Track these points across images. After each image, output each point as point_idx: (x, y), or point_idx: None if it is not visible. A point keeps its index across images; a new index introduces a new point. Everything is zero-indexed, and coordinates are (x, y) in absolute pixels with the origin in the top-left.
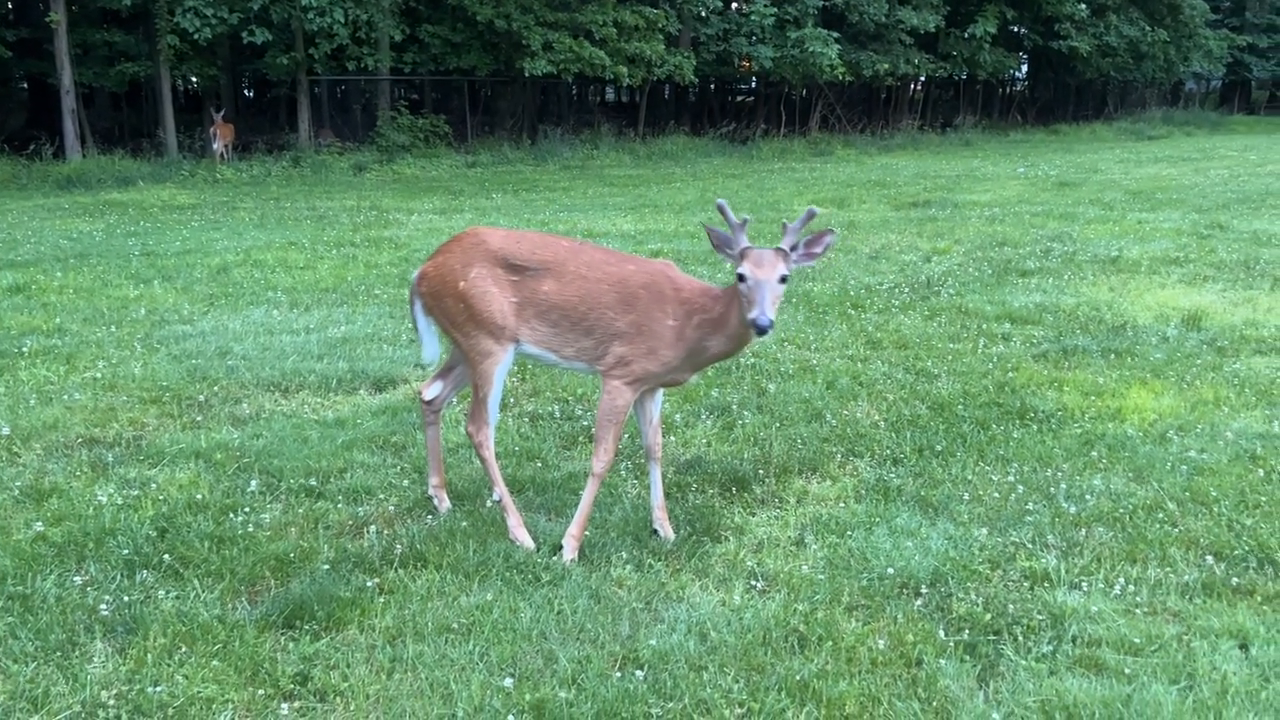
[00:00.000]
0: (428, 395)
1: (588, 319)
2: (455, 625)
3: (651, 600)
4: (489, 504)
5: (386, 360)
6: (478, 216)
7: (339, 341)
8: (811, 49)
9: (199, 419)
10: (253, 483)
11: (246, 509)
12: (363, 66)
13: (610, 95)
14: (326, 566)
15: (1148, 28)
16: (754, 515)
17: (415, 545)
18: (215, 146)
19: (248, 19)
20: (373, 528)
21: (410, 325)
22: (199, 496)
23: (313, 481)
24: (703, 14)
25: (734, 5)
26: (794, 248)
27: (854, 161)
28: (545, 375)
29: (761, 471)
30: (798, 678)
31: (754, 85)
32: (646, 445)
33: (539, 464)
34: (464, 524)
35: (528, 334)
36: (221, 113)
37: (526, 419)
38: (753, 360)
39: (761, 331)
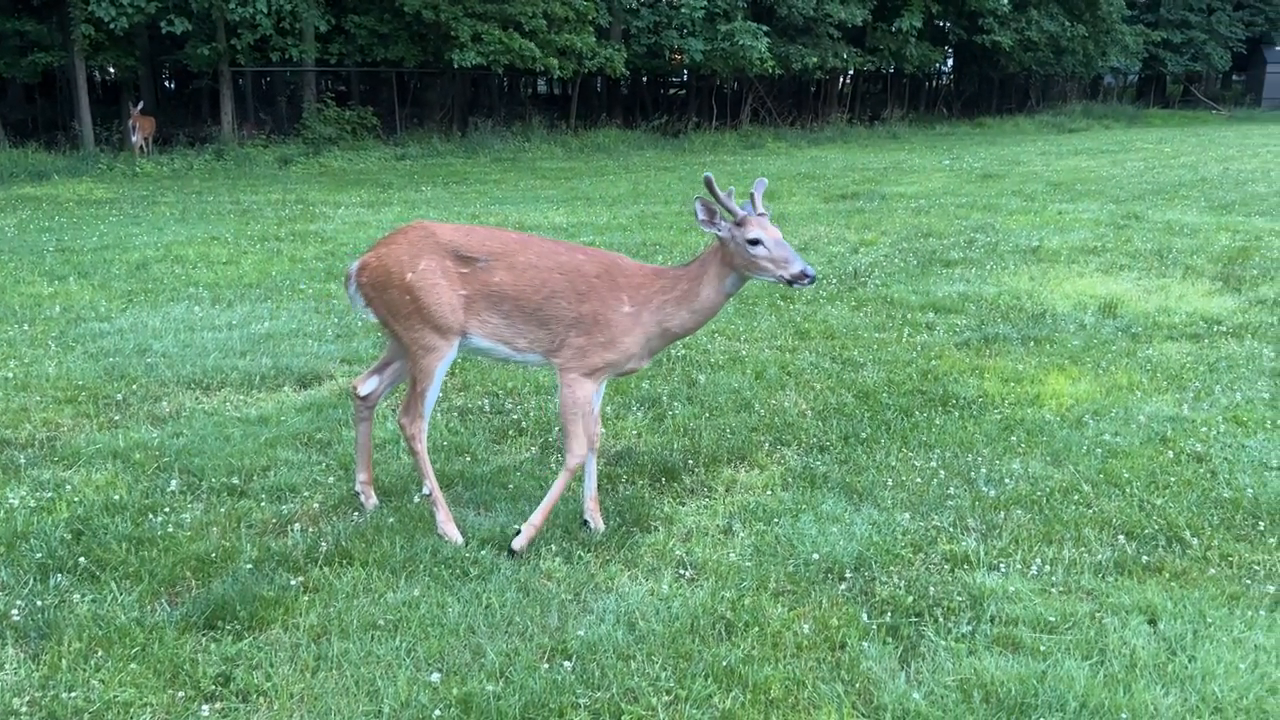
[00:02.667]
0: (363, 390)
1: (543, 309)
2: (381, 622)
3: (581, 592)
4: (417, 499)
5: (311, 356)
6: (407, 210)
7: (263, 338)
8: (741, 42)
9: (117, 418)
10: (173, 482)
11: (166, 509)
12: (287, 58)
13: (542, 87)
14: (249, 566)
15: (1067, 23)
16: (683, 505)
17: (341, 542)
18: (134, 139)
19: (166, 8)
20: (297, 526)
21: (358, 314)
22: (116, 497)
23: (235, 480)
24: (633, 7)
25: None
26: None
27: (784, 154)
28: (475, 369)
29: (691, 462)
30: (724, 664)
31: (685, 78)
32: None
33: (468, 459)
34: (391, 520)
35: (477, 327)
36: (140, 105)
37: (456, 413)
38: (683, 352)
39: (811, 280)
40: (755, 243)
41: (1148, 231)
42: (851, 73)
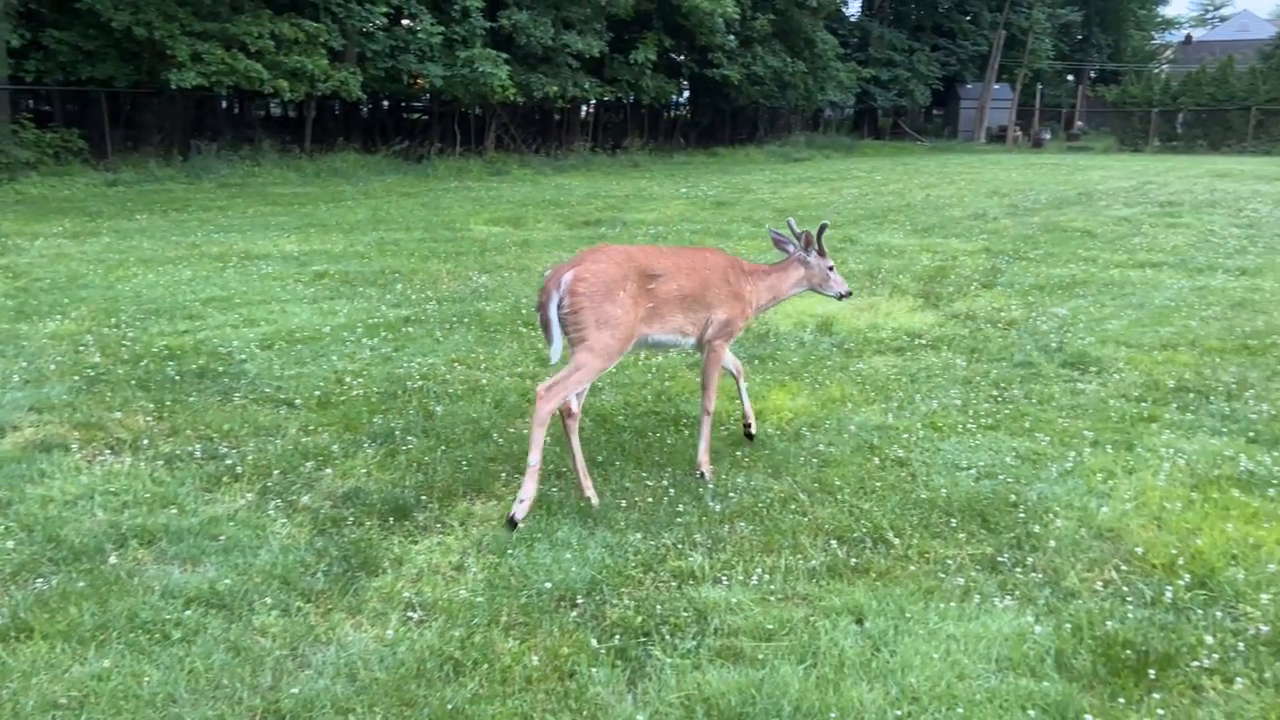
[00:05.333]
0: (575, 407)
1: (704, 298)
2: (64, 700)
3: (298, 646)
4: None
5: None
6: (118, 239)
7: None
8: (482, 69)
9: None
10: None
11: None
12: None
13: (275, 109)
14: None
15: (789, 59)
16: (416, 544)
17: (19, 614)
18: None
19: None
20: None
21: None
22: None
23: None
24: (368, 30)
25: (404, 22)
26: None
27: (530, 181)
28: (185, 412)
29: (425, 497)
30: (449, 706)
31: (427, 103)
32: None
33: (174, 510)
34: (80, 585)
35: (659, 326)
36: None
37: (161, 461)
38: (420, 383)
39: (849, 295)
40: (831, 269)
41: (861, 253)
42: (593, 102)
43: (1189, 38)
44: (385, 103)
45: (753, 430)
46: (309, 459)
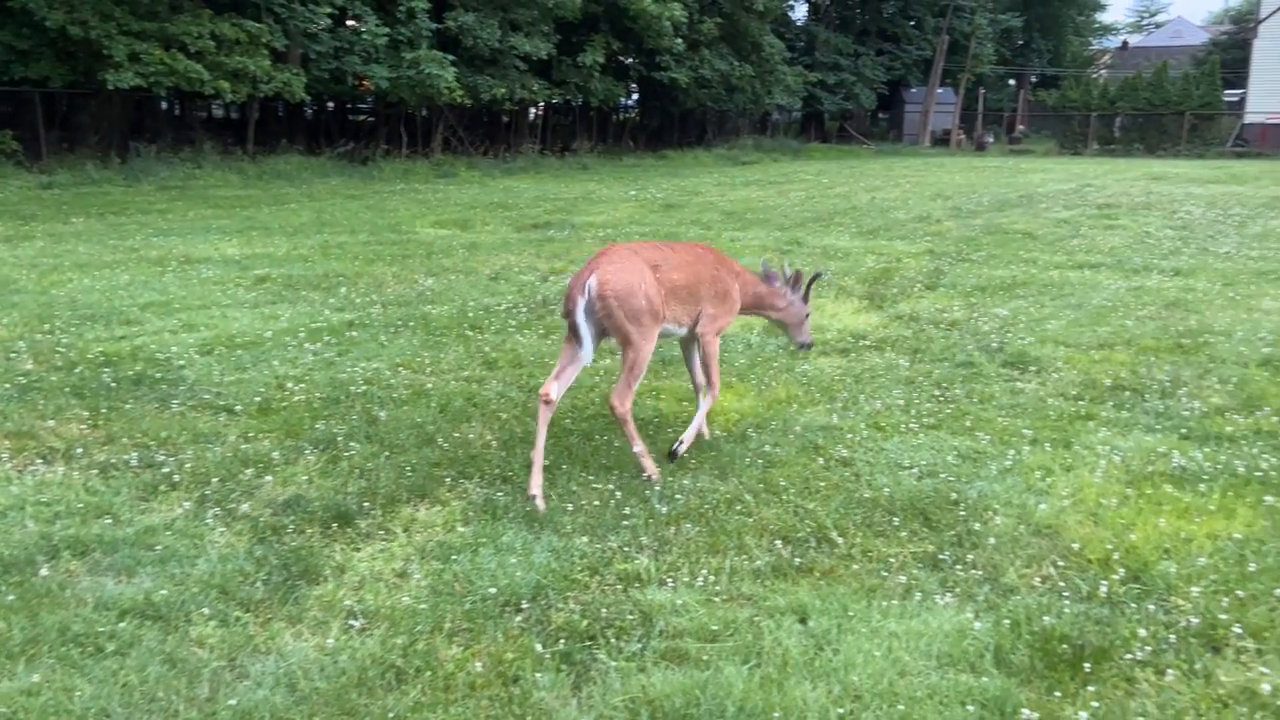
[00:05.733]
0: (554, 395)
1: (697, 292)
2: None
3: (237, 656)
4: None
5: None
6: (53, 243)
7: None
8: (428, 70)
9: None
10: None
11: None
12: None
13: (218, 111)
14: None
15: (736, 63)
16: (358, 551)
17: None
18: None
19: None
20: None
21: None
22: None
23: None
24: (311, 31)
25: (349, 23)
26: None
27: (478, 183)
28: (121, 420)
29: (367, 504)
30: (391, 715)
31: (373, 105)
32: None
33: (109, 520)
34: (10, 598)
35: (666, 315)
36: None
37: (95, 470)
38: (364, 388)
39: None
40: (807, 317)
41: (807, 256)
42: (542, 104)
43: (1125, 44)
44: (330, 104)
45: (680, 451)
46: (249, 466)
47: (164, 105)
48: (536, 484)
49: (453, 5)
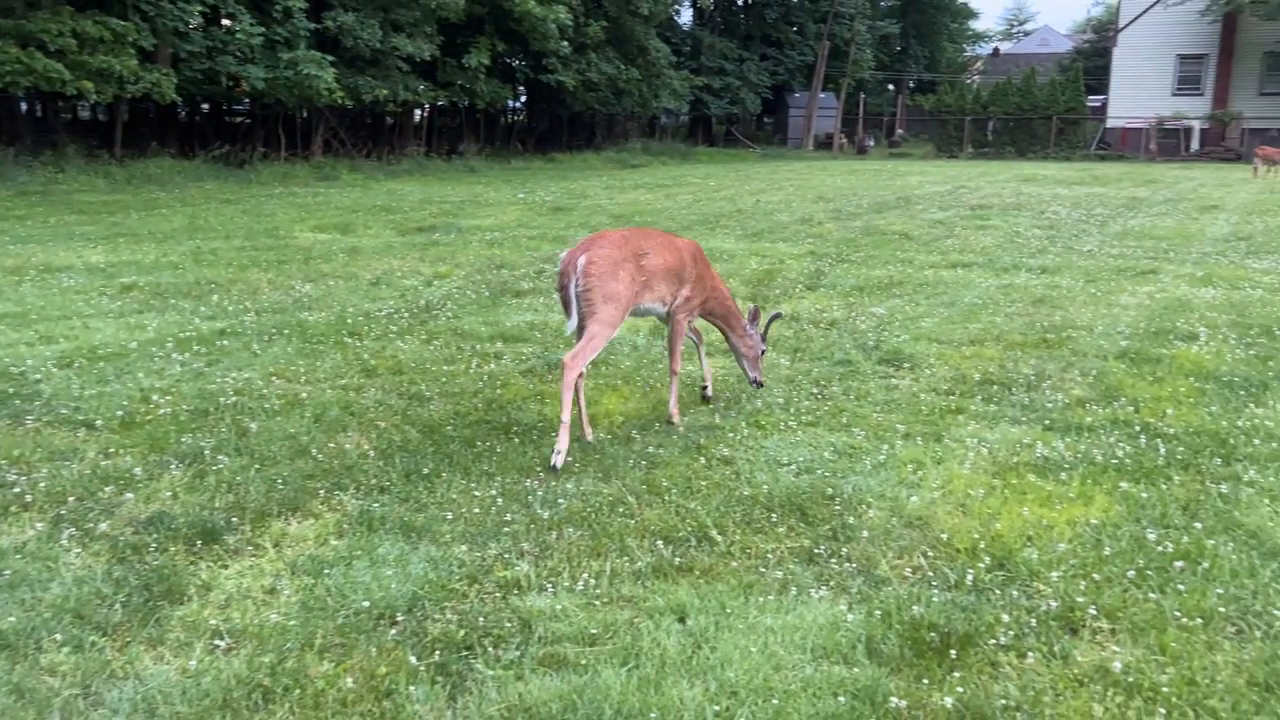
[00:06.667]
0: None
1: (679, 275)
2: None
3: (91, 683)
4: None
5: None
6: None
7: None
8: (306, 71)
9: None
10: None
11: None
12: None
13: (84, 113)
14: None
15: (623, 66)
16: (225, 568)
17: None
18: None
19: None
20: None
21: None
22: None
23: None
24: (181, 30)
25: (224, 22)
26: None
27: (360, 186)
28: None
29: (236, 519)
30: None
31: (249, 106)
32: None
33: None
34: None
35: (650, 295)
36: None
37: None
38: (235, 399)
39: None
40: (763, 353)
41: None
42: (427, 106)
43: (997, 50)
44: (205, 106)
45: (709, 393)
46: (109, 483)
47: (23, 107)
48: (588, 431)
49: (331, 5)
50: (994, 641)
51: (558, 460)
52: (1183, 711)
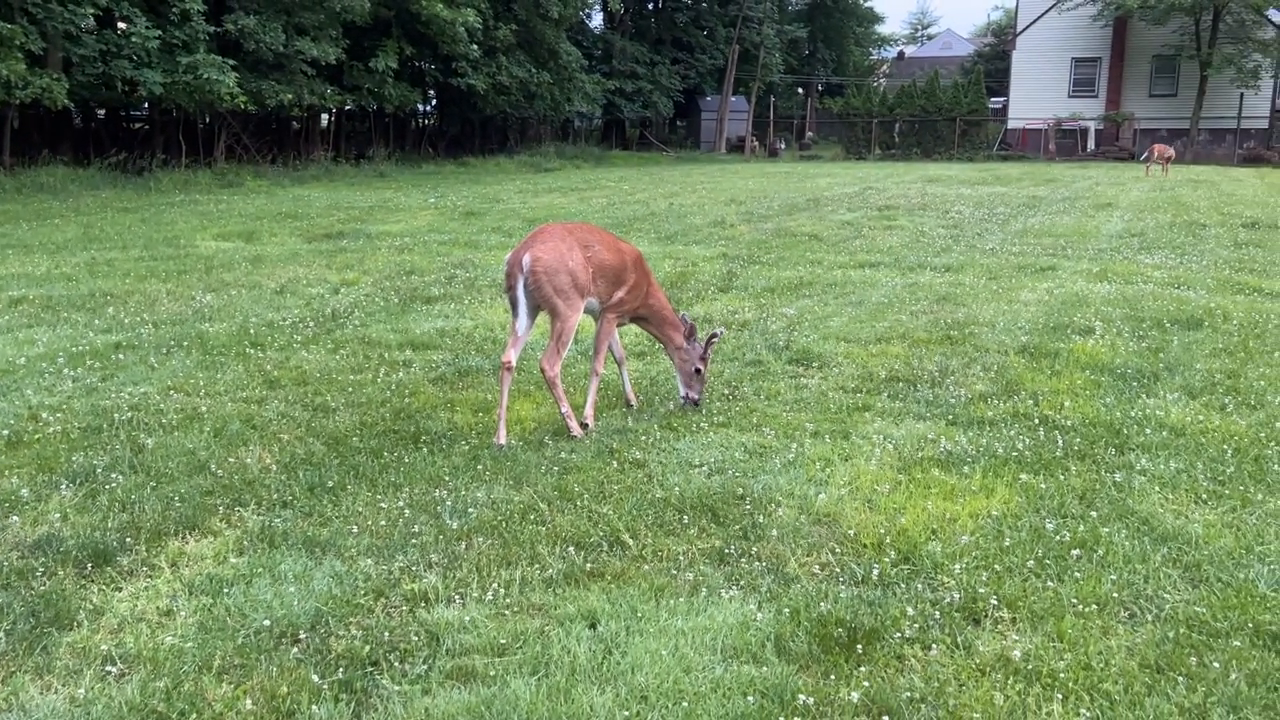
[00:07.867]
0: (514, 362)
1: (620, 276)
2: None
3: None
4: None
5: None
6: None
7: None
8: (206, 75)
9: None
10: None
11: None
12: None
13: None
14: None
15: (534, 70)
16: (118, 591)
17: None
18: None
19: None
20: None
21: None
22: None
23: None
24: (73, 33)
25: (120, 25)
26: None
27: (265, 193)
28: None
29: (130, 540)
30: None
31: (147, 112)
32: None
33: None
34: None
35: (592, 291)
36: None
37: None
38: (129, 414)
39: (696, 405)
40: (700, 371)
41: None
42: (334, 110)
43: (902, 54)
44: (101, 112)
45: (632, 403)
46: None
47: None
48: (502, 435)
49: (232, 8)
50: (899, 635)
51: (578, 430)
52: (1079, 696)
